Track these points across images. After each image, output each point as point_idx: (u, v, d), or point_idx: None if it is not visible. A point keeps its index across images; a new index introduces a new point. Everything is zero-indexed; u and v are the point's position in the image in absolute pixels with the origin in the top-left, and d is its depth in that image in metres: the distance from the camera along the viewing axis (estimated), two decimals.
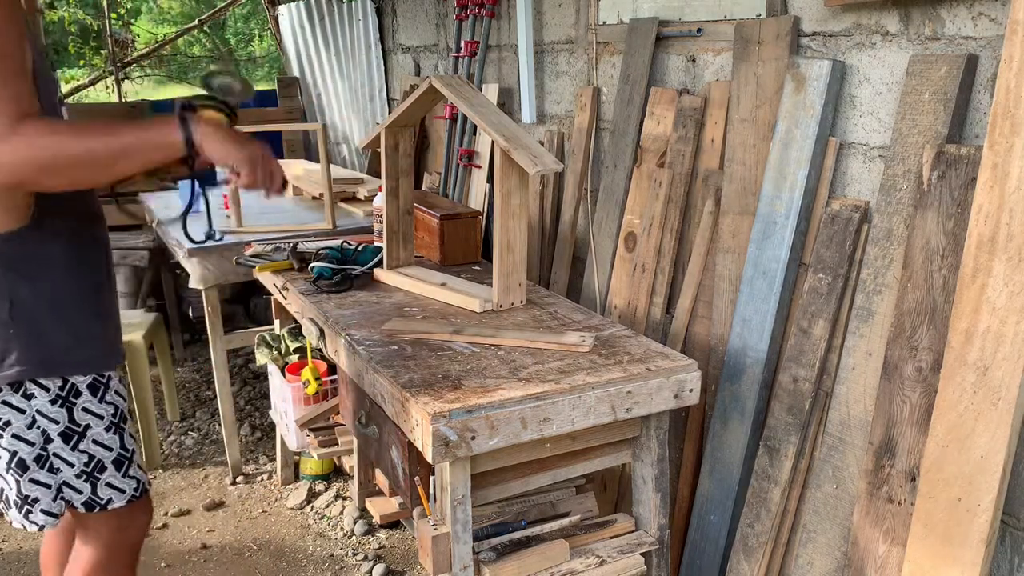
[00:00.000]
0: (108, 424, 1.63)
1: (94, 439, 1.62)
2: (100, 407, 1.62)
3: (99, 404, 1.62)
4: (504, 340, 1.86)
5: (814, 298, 1.85)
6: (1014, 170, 1.40)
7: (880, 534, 1.67)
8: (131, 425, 1.71)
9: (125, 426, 1.67)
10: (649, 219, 2.33)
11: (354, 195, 3.51)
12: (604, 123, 2.60)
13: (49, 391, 1.55)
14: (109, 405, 1.63)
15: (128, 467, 1.68)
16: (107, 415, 1.63)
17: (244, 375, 4.18)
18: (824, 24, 1.87)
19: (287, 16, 5.23)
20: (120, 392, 1.66)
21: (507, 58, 3.12)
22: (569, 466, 1.82)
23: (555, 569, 1.75)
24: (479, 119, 1.99)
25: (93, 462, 1.63)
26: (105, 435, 1.63)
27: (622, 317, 2.41)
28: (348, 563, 2.67)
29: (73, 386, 1.58)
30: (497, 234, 2.02)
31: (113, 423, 1.64)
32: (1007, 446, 1.43)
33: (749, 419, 1.99)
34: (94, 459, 1.63)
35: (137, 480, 1.70)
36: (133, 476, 1.69)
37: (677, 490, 2.24)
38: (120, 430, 1.66)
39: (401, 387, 1.63)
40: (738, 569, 2.00)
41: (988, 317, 1.44)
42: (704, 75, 2.22)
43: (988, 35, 1.55)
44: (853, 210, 1.79)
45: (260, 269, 2.51)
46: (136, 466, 1.70)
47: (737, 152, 2.05)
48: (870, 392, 1.73)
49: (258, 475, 3.22)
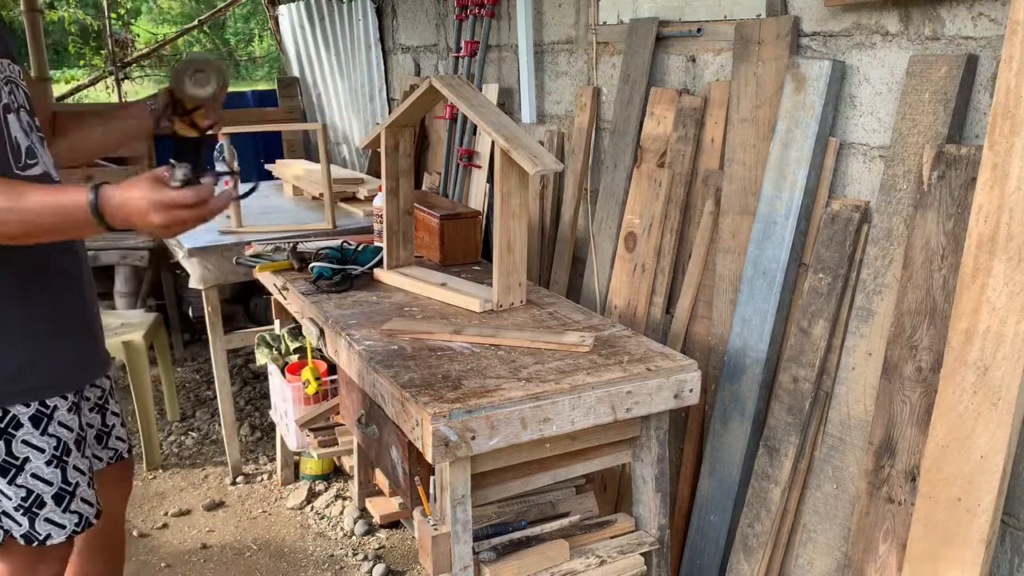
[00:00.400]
0: (50, 458, 1.56)
1: (33, 473, 1.55)
2: (42, 440, 1.55)
3: (40, 436, 1.55)
4: (504, 340, 1.86)
5: (814, 298, 1.85)
6: (1014, 170, 1.40)
7: (880, 534, 1.67)
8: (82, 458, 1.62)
9: (69, 459, 1.59)
10: (649, 219, 2.33)
11: (354, 195, 3.51)
12: (604, 123, 2.60)
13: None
14: (51, 438, 1.56)
15: (70, 502, 1.60)
16: (49, 448, 1.56)
17: (244, 375, 4.18)
18: (824, 24, 1.87)
19: (287, 16, 5.23)
20: (66, 423, 1.58)
21: (507, 58, 3.12)
22: (569, 466, 1.82)
23: (555, 569, 1.75)
24: (479, 119, 1.99)
25: (31, 497, 1.56)
26: (45, 469, 1.56)
27: (622, 317, 2.41)
28: (348, 563, 2.67)
29: (14, 417, 1.52)
30: (497, 234, 2.02)
31: (55, 456, 1.57)
32: (1007, 446, 1.43)
33: (749, 419, 1.99)
34: (32, 494, 1.55)
35: (80, 515, 1.62)
36: (75, 511, 1.61)
37: (677, 490, 2.24)
38: (62, 463, 1.58)
39: (401, 387, 1.63)
40: (738, 569, 2.00)
41: (988, 317, 1.44)
42: (704, 75, 2.22)
43: (988, 35, 1.55)
44: (853, 210, 1.79)
45: (260, 269, 2.51)
46: (81, 500, 1.62)
47: (737, 152, 2.05)
48: (870, 392, 1.73)
49: (258, 475, 3.22)
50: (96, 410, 1.78)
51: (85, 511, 1.63)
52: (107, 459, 1.84)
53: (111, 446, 1.84)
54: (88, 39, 11.79)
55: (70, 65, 14.41)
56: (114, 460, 1.85)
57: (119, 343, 3.18)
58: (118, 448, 1.85)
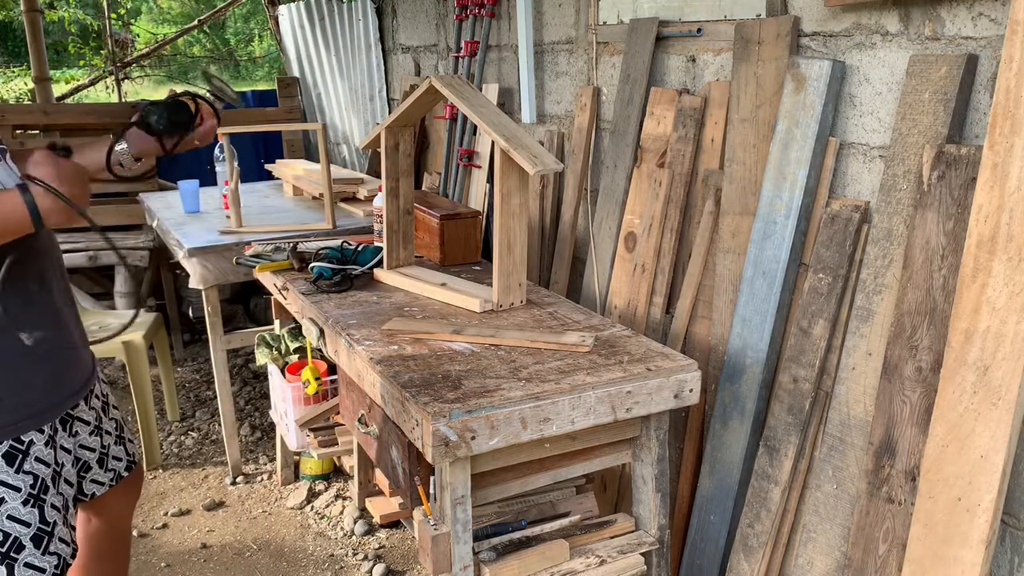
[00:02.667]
0: (26, 496, 1.48)
1: (9, 514, 1.47)
2: (16, 478, 1.47)
3: (15, 475, 1.46)
4: (504, 340, 1.86)
5: (814, 298, 1.85)
6: (1014, 170, 1.40)
7: (880, 534, 1.67)
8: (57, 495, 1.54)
9: (47, 496, 1.51)
10: (649, 219, 2.33)
11: (354, 195, 3.51)
12: (604, 123, 2.60)
13: None
14: (27, 475, 1.48)
15: (48, 543, 1.51)
16: (25, 487, 1.47)
17: (244, 375, 4.18)
18: (824, 24, 1.87)
19: (287, 16, 5.23)
20: (43, 459, 1.50)
21: (507, 58, 3.12)
22: (569, 466, 1.82)
23: (555, 569, 1.75)
24: (479, 119, 1.99)
25: (9, 540, 1.47)
26: (22, 509, 1.47)
27: (622, 317, 2.41)
28: (348, 563, 2.67)
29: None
30: (497, 234, 2.02)
31: (32, 495, 1.48)
32: (1007, 446, 1.43)
33: (749, 419, 1.99)
34: (10, 537, 1.47)
35: (59, 556, 1.54)
36: (54, 552, 1.53)
37: (677, 490, 2.24)
38: (40, 502, 1.49)
39: (401, 387, 1.63)
40: (738, 569, 2.00)
41: (988, 317, 1.44)
42: (704, 75, 2.22)
43: (988, 35, 1.55)
44: (853, 210, 1.79)
45: (260, 269, 2.51)
46: (59, 540, 1.54)
47: (737, 152, 2.05)
48: (870, 392, 1.73)
49: (258, 475, 3.22)
50: (96, 433, 1.74)
51: (63, 551, 1.56)
52: (108, 481, 1.79)
53: (111, 468, 1.79)
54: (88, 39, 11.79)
55: (70, 65, 14.41)
56: (114, 482, 1.80)
57: (119, 343, 3.18)
58: (116, 468, 1.80)
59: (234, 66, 13.93)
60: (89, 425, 1.71)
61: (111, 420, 1.79)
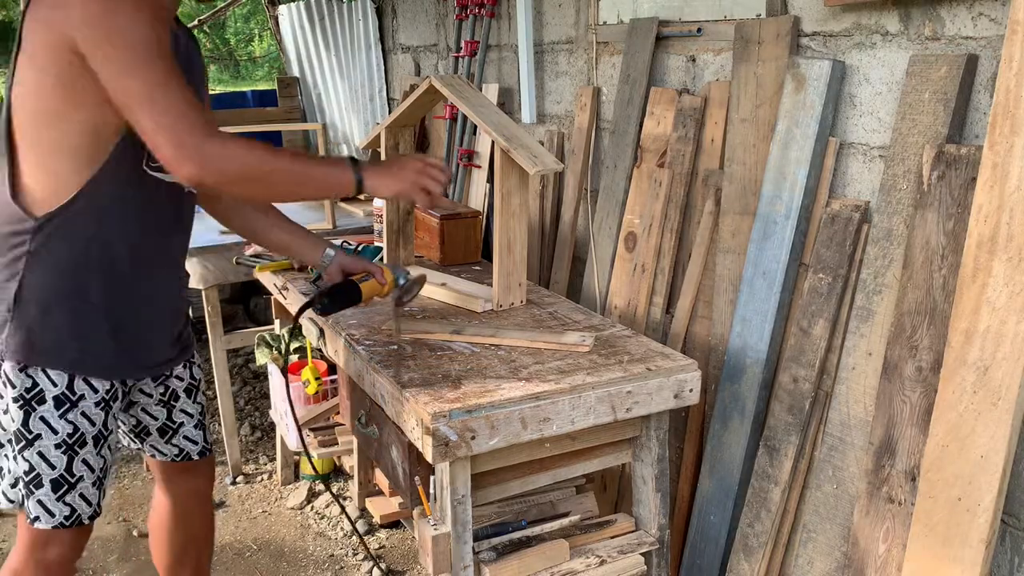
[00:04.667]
0: (60, 442, 1.56)
1: (40, 451, 1.56)
2: (59, 423, 1.56)
3: (59, 419, 1.55)
4: (504, 340, 1.86)
5: (814, 298, 1.85)
6: (1014, 170, 1.40)
7: (880, 534, 1.67)
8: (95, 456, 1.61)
9: (82, 451, 1.59)
10: (649, 219, 2.33)
11: None
12: (604, 123, 2.60)
13: (16, 388, 1.53)
14: (69, 424, 1.56)
15: (66, 492, 1.59)
16: (63, 432, 1.56)
17: (244, 375, 4.17)
18: (824, 24, 1.87)
19: (287, 16, 5.22)
20: (90, 416, 1.58)
21: (507, 58, 3.12)
22: (569, 466, 1.82)
23: (555, 569, 1.75)
24: (479, 119, 1.99)
25: (32, 474, 1.57)
26: (53, 451, 1.56)
27: (622, 317, 2.41)
28: (348, 563, 2.67)
29: (39, 392, 1.54)
30: (497, 234, 2.02)
31: (67, 443, 1.57)
32: (1007, 446, 1.43)
33: (749, 419, 1.99)
34: (34, 471, 1.57)
35: (73, 509, 1.61)
36: (69, 504, 1.60)
37: (677, 490, 2.24)
38: (72, 453, 1.58)
39: (401, 387, 1.63)
40: (738, 569, 2.00)
41: (988, 317, 1.44)
42: (704, 75, 2.22)
43: (988, 35, 1.55)
44: (853, 210, 1.79)
45: (260, 269, 2.51)
46: (79, 496, 1.61)
47: (737, 152, 2.05)
48: (870, 392, 1.73)
49: (258, 475, 3.22)
50: (162, 405, 1.81)
51: (80, 507, 1.62)
52: (172, 456, 1.87)
53: (175, 443, 1.86)
54: None
55: None
56: (180, 458, 1.87)
57: None
58: (184, 448, 1.87)
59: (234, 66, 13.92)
60: (152, 398, 1.80)
61: (196, 404, 1.88)
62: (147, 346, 1.69)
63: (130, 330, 1.63)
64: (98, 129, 1.48)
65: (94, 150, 1.49)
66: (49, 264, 1.51)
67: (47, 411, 1.55)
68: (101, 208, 1.52)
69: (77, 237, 1.51)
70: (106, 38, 1.39)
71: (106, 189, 1.51)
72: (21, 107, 1.47)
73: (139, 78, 1.39)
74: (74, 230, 1.51)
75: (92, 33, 1.38)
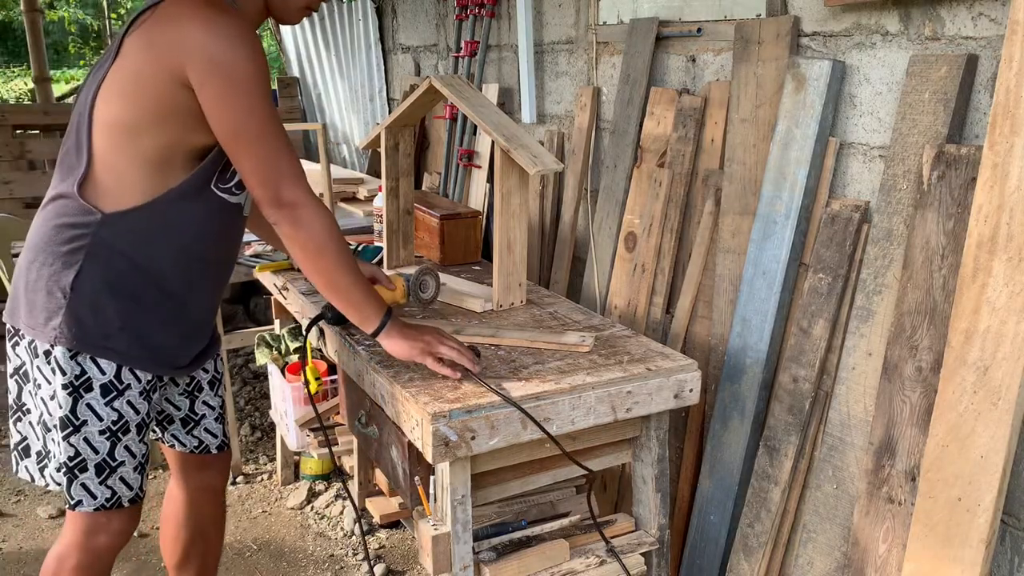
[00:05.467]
0: (105, 428, 1.61)
1: (86, 437, 1.60)
2: (104, 410, 1.60)
3: (104, 407, 1.60)
4: (504, 340, 1.86)
5: (814, 298, 1.85)
6: (1014, 170, 1.40)
7: (880, 534, 1.67)
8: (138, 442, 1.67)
9: (124, 438, 1.64)
10: (649, 219, 2.33)
11: (354, 195, 3.51)
12: (604, 123, 2.60)
13: (66, 375, 1.56)
14: (114, 412, 1.61)
15: (108, 476, 1.64)
16: (108, 419, 1.61)
17: (244, 375, 4.17)
18: (824, 24, 1.87)
19: None
20: (135, 404, 1.63)
21: (507, 58, 3.12)
22: (569, 466, 1.82)
23: (555, 569, 1.75)
24: (479, 119, 1.99)
25: (77, 459, 1.61)
26: (97, 437, 1.61)
27: (622, 317, 2.41)
28: (348, 563, 2.67)
29: (88, 380, 1.58)
30: (497, 234, 2.02)
31: (111, 430, 1.62)
32: (1007, 446, 1.43)
33: (749, 419, 1.99)
34: (79, 456, 1.61)
35: (114, 492, 1.66)
36: (110, 486, 1.65)
37: (677, 490, 2.24)
38: (115, 439, 1.63)
39: (401, 387, 1.63)
40: (738, 569, 2.00)
41: (988, 317, 1.44)
42: (704, 75, 2.22)
43: (988, 35, 1.55)
44: (853, 210, 1.79)
45: (260, 269, 2.51)
46: (120, 479, 1.66)
47: (737, 152, 2.05)
48: (870, 392, 1.73)
49: (258, 475, 3.22)
50: (185, 395, 1.85)
51: (120, 490, 1.66)
52: (191, 447, 1.90)
53: (196, 435, 1.89)
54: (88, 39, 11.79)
55: (70, 65, 14.41)
56: (199, 450, 1.91)
57: None
58: (204, 440, 1.91)
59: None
60: (179, 387, 1.84)
61: (218, 397, 1.92)
62: (188, 345, 1.74)
63: (175, 330, 1.69)
64: (182, 149, 1.54)
65: (172, 167, 1.55)
66: (108, 259, 1.56)
67: (94, 399, 1.59)
68: (165, 215, 1.58)
69: (138, 237, 1.57)
70: (219, 72, 1.45)
71: (175, 200, 1.57)
72: (108, 112, 1.51)
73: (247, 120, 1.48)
74: (136, 230, 1.56)
75: (205, 65, 1.45)
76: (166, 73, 1.47)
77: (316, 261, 1.60)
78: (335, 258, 1.60)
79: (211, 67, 1.45)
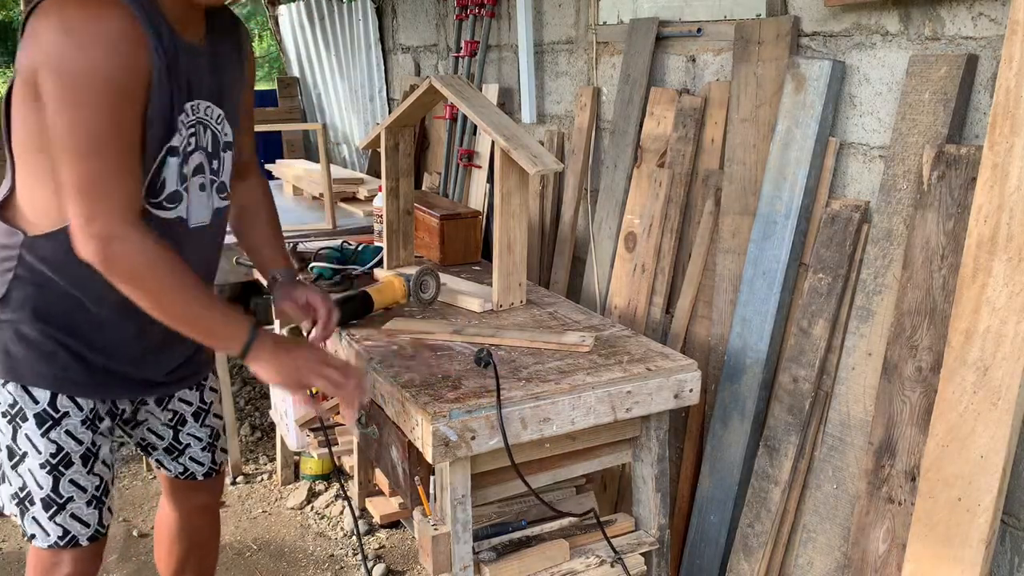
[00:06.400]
0: (44, 462, 1.51)
1: (29, 469, 1.51)
2: (40, 441, 1.50)
3: (41, 438, 1.50)
4: (504, 340, 1.86)
5: (814, 298, 1.85)
6: (1014, 170, 1.40)
7: (880, 534, 1.67)
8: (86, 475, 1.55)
9: (68, 471, 1.52)
10: (649, 219, 2.33)
11: (354, 195, 3.51)
12: (604, 123, 2.60)
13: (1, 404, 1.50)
14: (52, 443, 1.50)
15: (57, 513, 1.53)
16: (45, 452, 1.50)
17: (244, 375, 4.17)
18: (824, 24, 1.87)
19: (287, 16, 5.23)
20: (75, 434, 1.52)
21: (507, 58, 3.12)
22: (569, 466, 1.82)
23: (555, 569, 1.75)
24: (479, 119, 1.99)
25: (25, 491, 1.53)
26: (39, 471, 1.51)
27: (622, 317, 2.41)
28: (348, 563, 2.67)
29: (20, 410, 1.49)
30: (497, 234, 2.02)
31: (50, 463, 1.51)
32: (1007, 446, 1.43)
33: (749, 419, 1.99)
34: (26, 489, 1.53)
35: (66, 530, 1.54)
36: (60, 524, 1.54)
37: (677, 490, 2.24)
38: (57, 474, 1.51)
39: (401, 387, 1.63)
40: (738, 569, 2.00)
41: (988, 317, 1.44)
42: (704, 75, 2.22)
43: (988, 35, 1.55)
44: (853, 210, 1.79)
45: None
46: (71, 516, 1.54)
47: (737, 152, 2.05)
48: (870, 392, 1.73)
49: (258, 475, 3.22)
50: (168, 427, 1.77)
51: (74, 528, 1.56)
52: (177, 473, 1.83)
53: (181, 463, 1.82)
54: None
55: None
56: (185, 477, 1.83)
57: None
58: (190, 468, 1.82)
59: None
60: (160, 420, 1.75)
61: (205, 428, 1.81)
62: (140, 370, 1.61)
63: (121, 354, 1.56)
64: None
65: None
66: (35, 282, 1.46)
67: (30, 429, 1.50)
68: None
69: (66, 259, 1.41)
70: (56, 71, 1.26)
71: None
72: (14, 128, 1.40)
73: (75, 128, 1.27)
74: (61, 252, 1.41)
75: (46, 62, 1.27)
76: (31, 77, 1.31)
77: (140, 296, 1.38)
78: (159, 288, 1.38)
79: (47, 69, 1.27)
